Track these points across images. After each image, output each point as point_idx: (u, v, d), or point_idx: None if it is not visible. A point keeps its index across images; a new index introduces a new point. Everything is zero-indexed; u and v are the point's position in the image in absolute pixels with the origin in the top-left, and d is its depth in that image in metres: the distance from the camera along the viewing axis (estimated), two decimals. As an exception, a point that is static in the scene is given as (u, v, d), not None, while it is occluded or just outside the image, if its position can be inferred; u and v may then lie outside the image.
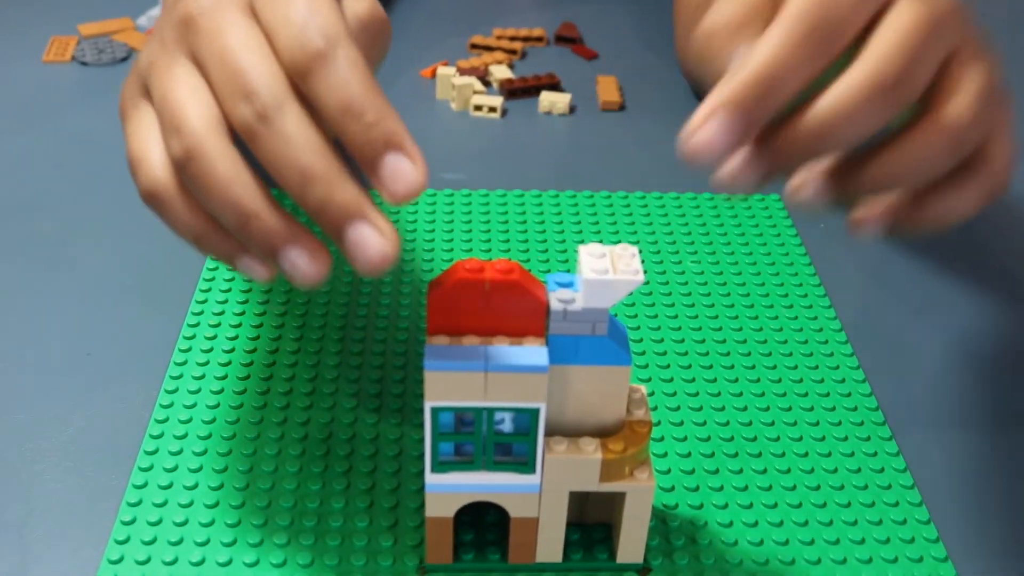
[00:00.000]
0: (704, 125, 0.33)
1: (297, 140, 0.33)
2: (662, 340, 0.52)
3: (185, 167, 0.34)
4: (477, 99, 0.72)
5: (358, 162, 0.34)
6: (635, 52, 0.81)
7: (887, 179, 0.35)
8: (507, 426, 0.36)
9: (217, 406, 0.47)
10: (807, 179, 0.36)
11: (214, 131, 0.34)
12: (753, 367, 0.51)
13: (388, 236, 0.33)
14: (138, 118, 0.38)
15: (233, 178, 0.34)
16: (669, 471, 0.45)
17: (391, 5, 0.86)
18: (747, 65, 0.33)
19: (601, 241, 0.59)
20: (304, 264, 0.34)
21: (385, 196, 0.33)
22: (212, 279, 0.55)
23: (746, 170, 0.34)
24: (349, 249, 0.33)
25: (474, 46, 0.80)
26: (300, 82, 0.34)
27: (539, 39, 0.82)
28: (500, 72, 0.75)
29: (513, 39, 0.81)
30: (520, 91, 0.74)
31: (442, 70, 0.73)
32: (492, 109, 0.71)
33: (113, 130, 0.69)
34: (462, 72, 0.75)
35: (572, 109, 0.73)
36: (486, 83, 0.75)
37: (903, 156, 0.34)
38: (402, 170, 0.33)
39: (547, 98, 0.72)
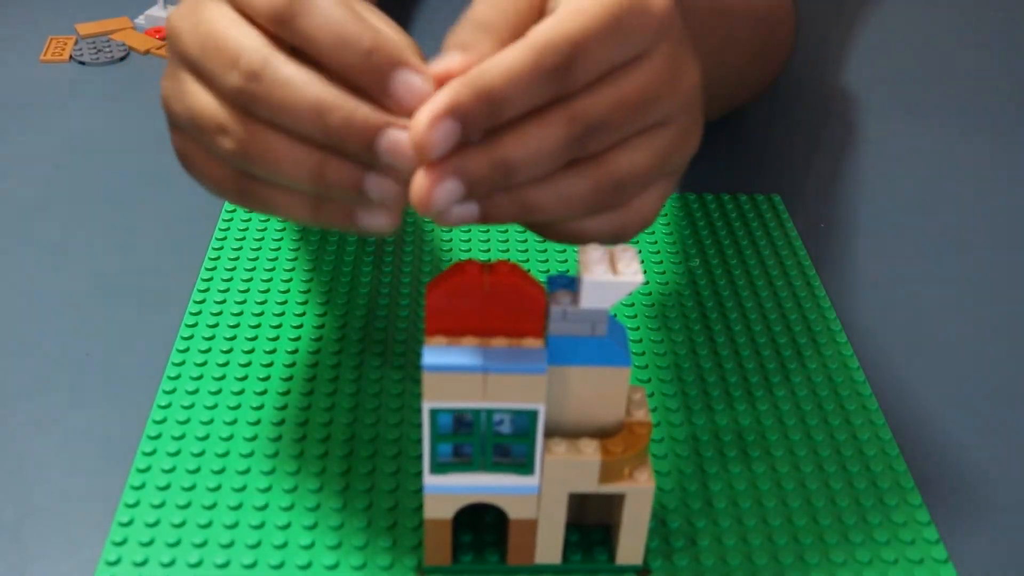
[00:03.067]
0: (433, 126, 0.32)
1: (295, 81, 0.33)
2: (662, 340, 0.52)
3: (254, 91, 0.34)
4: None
5: (368, 91, 0.34)
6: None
7: (504, 169, 0.34)
8: (506, 427, 0.36)
9: (214, 407, 0.47)
10: (432, 178, 0.34)
11: (270, 48, 0.34)
12: (753, 367, 0.50)
13: (422, 123, 0.33)
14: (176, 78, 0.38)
15: (304, 80, 0.34)
16: (669, 472, 0.45)
17: (413, 7, 0.85)
18: (478, 71, 0.33)
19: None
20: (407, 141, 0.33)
21: (401, 114, 0.33)
22: (210, 279, 0.55)
23: (443, 188, 0.34)
24: (388, 157, 0.33)
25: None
26: (287, 33, 0.34)
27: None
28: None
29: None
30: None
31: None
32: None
33: (112, 129, 0.69)
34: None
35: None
36: None
37: (522, 144, 0.34)
38: (412, 84, 0.33)
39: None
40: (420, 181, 0.33)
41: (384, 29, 0.34)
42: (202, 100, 0.36)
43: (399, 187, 0.34)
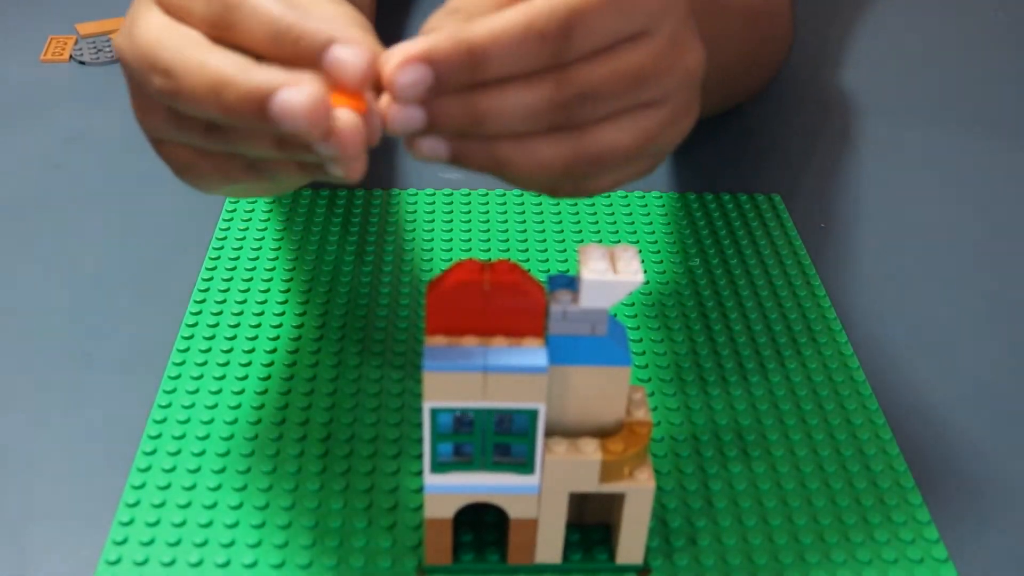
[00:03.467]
0: (403, 67, 0.32)
1: (195, 69, 0.33)
2: (662, 340, 0.52)
3: (171, 89, 0.34)
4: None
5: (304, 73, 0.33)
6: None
7: (475, 119, 0.34)
8: (506, 427, 0.36)
9: (215, 407, 0.47)
10: (396, 107, 0.33)
11: (186, 43, 0.34)
12: (754, 367, 0.50)
13: (360, 45, 0.32)
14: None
15: (208, 64, 0.33)
16: (669, 472, 0.45)
17: (409, 6, 0.85)
18: (470, 29, 0.32)
19: (601, 241, 0.59)
20: (301, 94, 0.32)
21: (337, 85, 0.32)
22: (210, 279, 0.55)
23: (403, 115, 0.33)
24: (282, 122, 0.32)
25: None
26: (225, 38, 0.34)
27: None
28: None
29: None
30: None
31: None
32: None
33: (111, 129, 0.69)
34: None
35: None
36: None
37: (499, 100, 0.33)
38: (341, 57, 0.32)
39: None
40: (386, 99, 0.33)
41: (318, 15, 0.34)
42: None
43: (349, 142, 0.32)
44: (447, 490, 0.37)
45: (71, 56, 0.77)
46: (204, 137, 0.35)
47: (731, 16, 0.59)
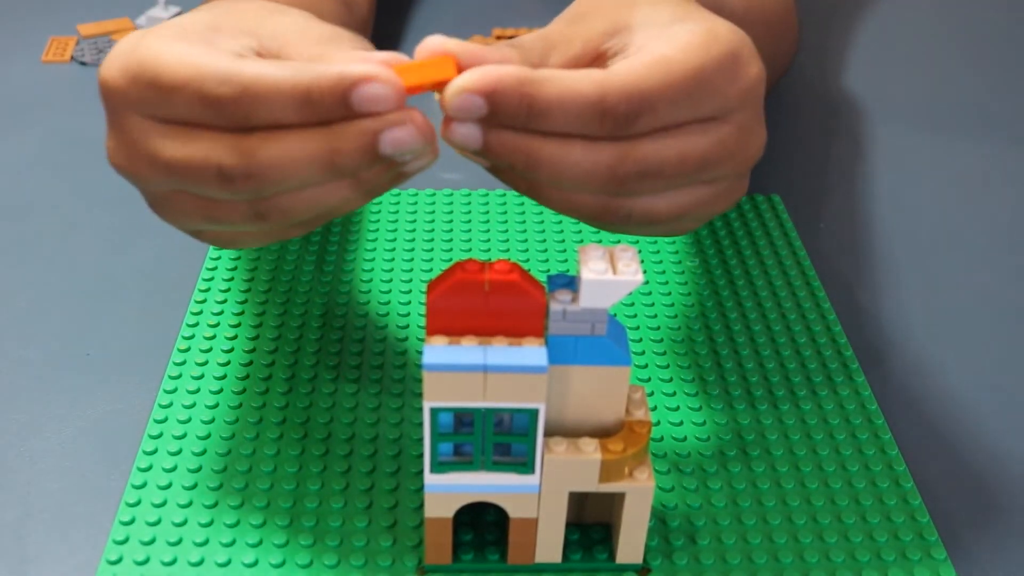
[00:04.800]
0: (462, 94, 0.32)
1: (272, 80, 0.33)
2: (662, 340, 0.52)
3: (241, 104, 0.33)
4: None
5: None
6: (635, 52, 0.81)
7: (527, 161, 0.34)
8: (506, 426, 0.36)
9: (216, 406, 0.47)
10: (452, 123, 0.34)
11: (231, 63, 0.34)
12: (753, 367, 0.50)
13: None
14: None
15: (281, 73, 0.33)
16: (668, 471, 0.45)
17: (392, 4, 0.86)
18: (541, 77, 0.33)
19: (601, 241, 0.59)
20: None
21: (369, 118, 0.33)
22: (211, 279, 0.55)
23: (459, 130, 0.33)
24: (367, 106, 0.32)
25: (474, 46, 0.80)
26: (247, 119, 0.33)
27: (539, 39, 0.82)
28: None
29: (513, 39, 0.81)
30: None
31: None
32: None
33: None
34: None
35: (572, 109, 0.73)
36: None
37: (555, 154, 0.34)
38: (371, 95, 0.32)
39: (547, 98, 0.72)
40: (455, 94, 0.33)
41: (325, 69, 0.33)
42: (186, 149, 0.34)
43: (410, 131, 0.33)
44: (447, 489, 0.37)
45: (72, 57, 0.77)
46: (219, 186, 0.34)
47: (755, 28, 0.58)
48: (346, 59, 0.34)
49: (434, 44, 0.34)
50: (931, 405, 0.50)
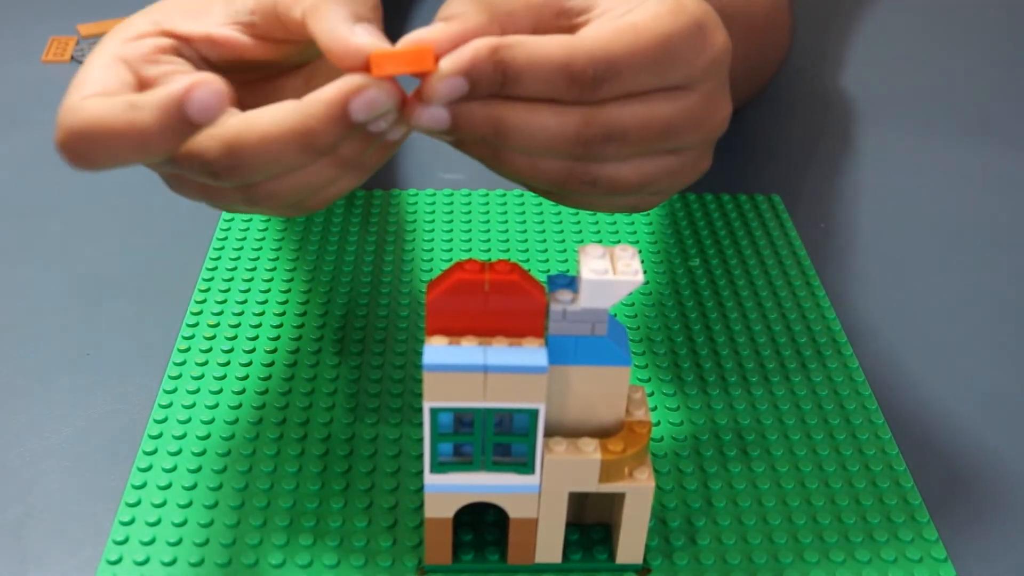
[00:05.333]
0: (444, 80, 0.33)
1: (269, 138, 0.34)
2: (662, 340, 0.52)
3: (232, 165, 0.34)
4: (477, 99, 0.71)
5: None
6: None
7: (496, 129, 0.35)
8: (506, 426, 0.36)
9: (216, 406, 0.47)
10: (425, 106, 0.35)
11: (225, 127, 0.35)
12: (753, 367, 0.50)
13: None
14: None
15: (274, 125, 0.34)
16: (668, 472, 0.45)
17: (403, 7, 0.86)
18: (518, 47, 0.33)
19: (601, 241, 0.59)
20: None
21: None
22: (211, 279, 0.55)
23: (429, 114, 0.34)
24: (368, 116, 0.33)
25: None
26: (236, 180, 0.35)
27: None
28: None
29: None
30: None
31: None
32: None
33: (112, 130, 0.69)
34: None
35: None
36: None
37: (523, 120, 0.34)
38: (368, 99, 0.33)
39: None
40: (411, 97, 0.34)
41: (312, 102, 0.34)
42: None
43: (377, 90, 0.34)
44: (447, 490, 0.37)
45: (72, 57, 0.77)
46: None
47: (732, 25, 0.58)
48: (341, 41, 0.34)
49: (414, 37, 0.34)
50: (931, 405, 0.50)
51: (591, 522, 0.42)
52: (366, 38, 0.34)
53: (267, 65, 0.40)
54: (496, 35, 0.35)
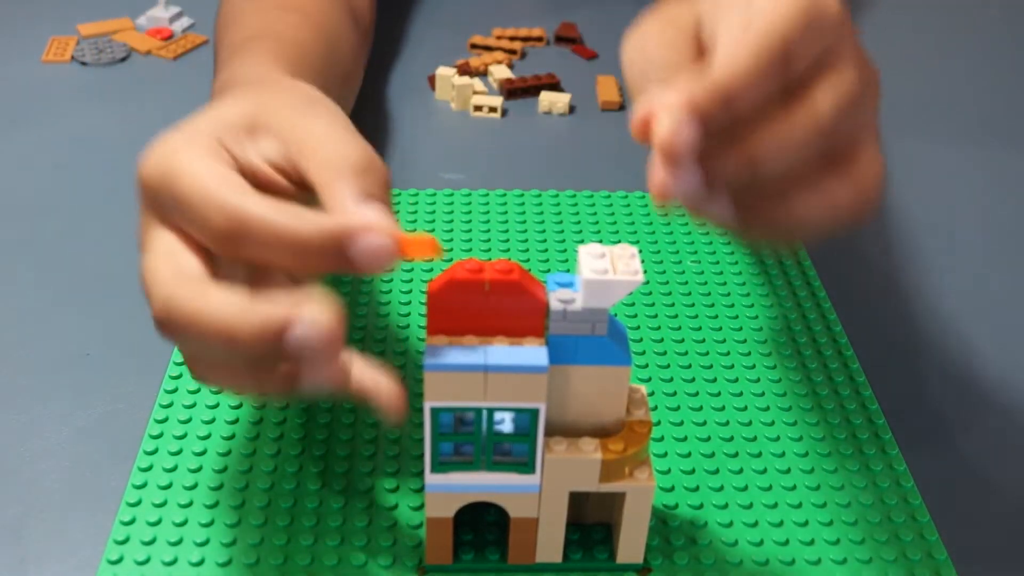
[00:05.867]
0: (666, 123, 0.32)
1: (202, 315, 0.34)
2: (662, 340, 0.52)
3: (168, 324, 0.35)
4: (477, 99, 0.72)
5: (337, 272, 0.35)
6: (635, 52, 0.81)
7: (749, 161, 0.35)
8: (507, 426, 0.36)
9: (216, 406, 0.47)
10: (672, 171, 0.34)
11: (176, 282, 0.35)
12: (753, 367, 0.51)
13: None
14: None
15: (211, 309, 0.34)
16: (669, 471, 0.45)
17: (392, 4, 0.86)
18: (712, 74, 0.33)
19: (601, 241, 0.59)
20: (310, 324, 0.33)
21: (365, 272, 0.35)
22: (211, 279, 0.55)
23: (682, 178, 0.33)
24: (302, 350, 0.33)
25: (474, 46, 0.80)
26: (237, 255, 0.35)
27: (539, 39, 0.82)
28: (500, 72, 0.75)
29: (513, 39, 0.81)
30: (520, 91, 0.74)
31: (441, 71, 0.73)
32: (492, 109, 0.71)
33: (112, 130, 0.69)
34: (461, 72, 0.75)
35: (572, 109, 0.73)
36: (469, 72, 0.75)
37: (764, 139, 0.34)
38: (372, 246, 0.34)
39: (547, 98, 0.72)
40: (659, 166, 0.33)
41: (326, 222, 0.34)
42: (155, 263, 0.36)
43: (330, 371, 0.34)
44: (448, 489, 0.37)
45: (72, 57, 0.77)
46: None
47: None
48: (345, 213, 0.35)
49: (654, 105, 0.33)
50: (932, 405, 0.50)
51: (591, 522, 0.42)
52: (370, 214, 0.35)
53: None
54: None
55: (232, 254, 0.35)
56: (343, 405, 0.47)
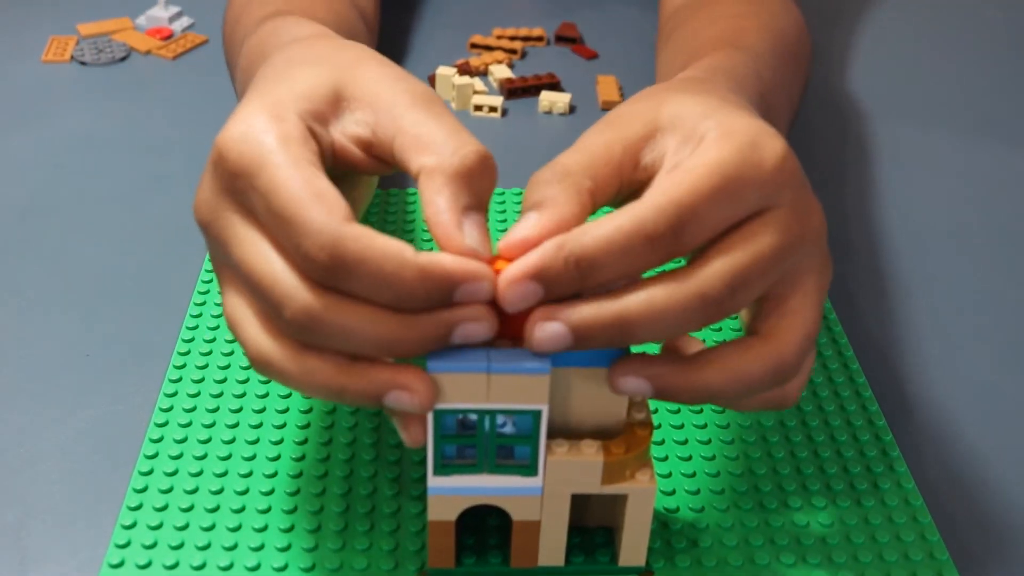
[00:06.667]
0: (512, 286, 0.33)
1: (343, 329, 0.33)
2: (662, 341, 0.52)
3: (304, 332, 0.33)
4: (477, 99, 0.72)
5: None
6: (635, 52, 0.81)
7: (714, 391, 0.34)
8: (509, 428, 0.36)
9: (216, 410, 0.47)
10: (627, 378, 0.35)
11: (306, 289, 0.33)
12: (754, 368, 0.50)
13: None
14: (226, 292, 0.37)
15: (358, 321, 0.33)
16: (670, 474, 0.45)
17: (392, 4, 0.85)
18: (576, 235, 0.33)
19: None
20: None
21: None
22: (210, 280, 0.55)
23: (549, 337, 0.33)
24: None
25: (474, 46, 0.80)
26: (337, 285, 0.33)
27: (539, 39, 0.82)
28: (500, 72, 0.75)
29: (513, 39, 0.81)
30: (520, 91, 0.74)
31: (442, 70, 0.73)
32: (492, 109, 0.71)
33: (112, 130, 0.69)
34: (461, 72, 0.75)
35: (572, 109, 0.73)
36: (468, 71, 0.75)
37: (733, 377, 0.34)
38: (476, 295, 0.33)
39: (547, 98, 0.72)
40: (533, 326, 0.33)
41: (433, 253, 0.33)
42: (258, 263, 0.34)
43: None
44: (450, 492, 0.37)
45: (72, 56, 0.77)
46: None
47: (786, 64, 0.58)
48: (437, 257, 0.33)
49: (516, 237, 0.34)
50: (933, 406, 0.50)
51: (594, 525, 0.42)
52: (469, 242, 0.33)
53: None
54: (588, 209, 0.35)
55: (323, 282, 0.33)
56: (344, 407, 0.47)
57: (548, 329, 0.33)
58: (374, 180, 0.45)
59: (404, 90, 0.36)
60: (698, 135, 0.36)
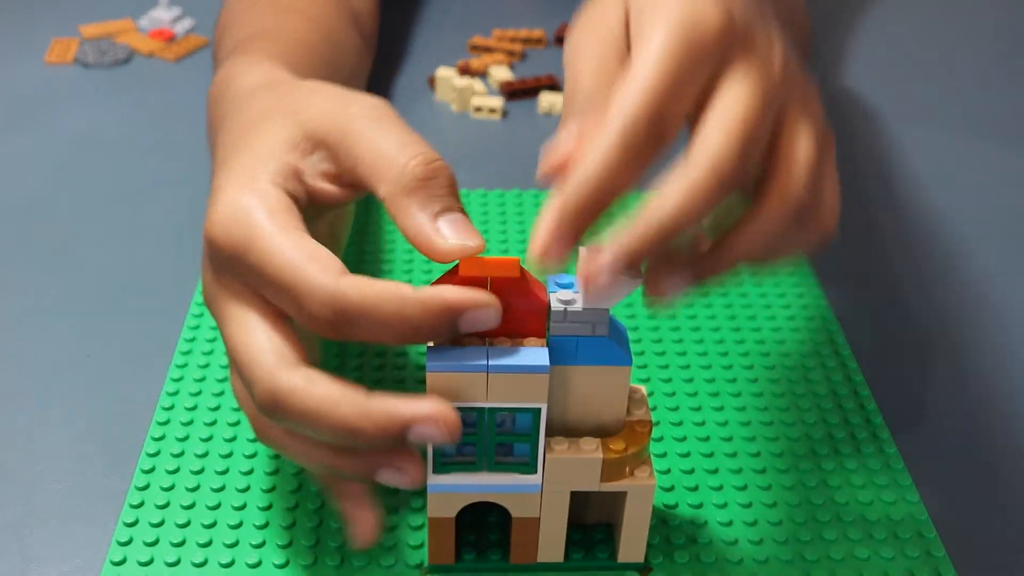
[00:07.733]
0: (544, 240, 0.34)
1: (320, 407, 0.33)
2: (661, 340, 0.52)
3: (275, 409, 0.34)
4: (477, 100, 0.72)
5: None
6: (635, 52, 0.81)
7: (742, 259, 0.35)
8: (508, 426, 0.36)
9: (218, 408, 0.47)
10: (664, 280, 0.35)
11: (287, 365, 0.34)
12: (751, 367, 0.51)
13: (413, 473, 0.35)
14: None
15: (329, 402, 0.33)
16: (669, 471, 0.45)
17: (392, 5, 0.86)
18: (576, 175, 0.34)
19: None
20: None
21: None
22: (213, 280, 0.55)
23: (603, 269, 0.34)
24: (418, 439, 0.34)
25: (474, 47, 0.80)
26: (338, 337, 0.34)
27: (539, 40, 0.82)
28: (500, 73, 0.75)
29: (513, 40, 0.82)
30: (520, 92, 0.74)
31: (442, 72, 0.73)
32: (492, 110, 0.72)
33: (114, 131, 0.70)
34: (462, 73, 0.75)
35: (572, 110, 0.73)
36: (467, 71, 0.76)
37: (753, 238, 0.35)
38: (477, 319, 0.34)
39: (547, 98, 0.72)
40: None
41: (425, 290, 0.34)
42: (247, 340, 0.35)
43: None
44: (450, 490, 0.38)
45: (75, 58, 0.77)
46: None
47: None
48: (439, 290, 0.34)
49: (556, 152, 0.36)
50: (930, 402, 0.50)
51: (593, 522, 0.42)
52: (452, 241, 0.35)
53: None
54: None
55: (331, 338, 0.34)
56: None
57: (674, 279, 0.35)
58: (351, 206, 0.47)
59: (352, 115, 0.38)
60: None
